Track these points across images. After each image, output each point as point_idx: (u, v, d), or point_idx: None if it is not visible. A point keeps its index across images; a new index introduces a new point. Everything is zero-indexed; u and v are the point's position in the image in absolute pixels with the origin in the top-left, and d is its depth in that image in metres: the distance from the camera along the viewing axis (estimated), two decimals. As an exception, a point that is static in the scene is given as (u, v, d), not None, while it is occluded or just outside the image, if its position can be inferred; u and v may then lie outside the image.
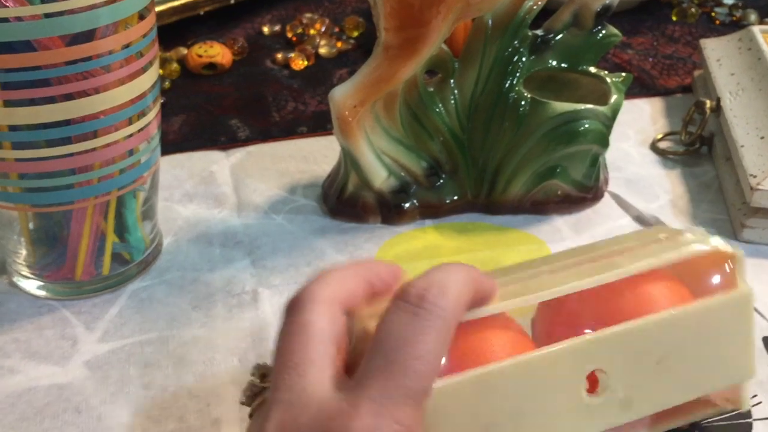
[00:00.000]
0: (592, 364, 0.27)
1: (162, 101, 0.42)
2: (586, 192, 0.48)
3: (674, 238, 0.31)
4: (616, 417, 0.28)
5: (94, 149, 0.37)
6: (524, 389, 0.26)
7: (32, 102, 0.35)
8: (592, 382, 0.28)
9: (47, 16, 0.33)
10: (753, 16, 0.71)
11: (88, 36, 0.34)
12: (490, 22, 0.45)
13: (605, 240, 0.32)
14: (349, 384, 0.24)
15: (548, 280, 0.29)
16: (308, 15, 0.72)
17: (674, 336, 0.28)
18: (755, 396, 0.35)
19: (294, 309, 0.25)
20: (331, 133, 0.47)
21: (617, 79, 0.48)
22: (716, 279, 0.30)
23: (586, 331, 0.28)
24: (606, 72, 0.48)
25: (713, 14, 0.73)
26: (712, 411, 0.31)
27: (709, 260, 0.30)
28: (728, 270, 0.30)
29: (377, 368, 0.23)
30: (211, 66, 0.64)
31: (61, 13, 0.33)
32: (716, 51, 0.56)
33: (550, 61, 0.48)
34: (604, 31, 0.47)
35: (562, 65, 0.48)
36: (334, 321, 0.25)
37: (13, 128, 0.35)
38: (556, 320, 0.30)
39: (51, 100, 0.35)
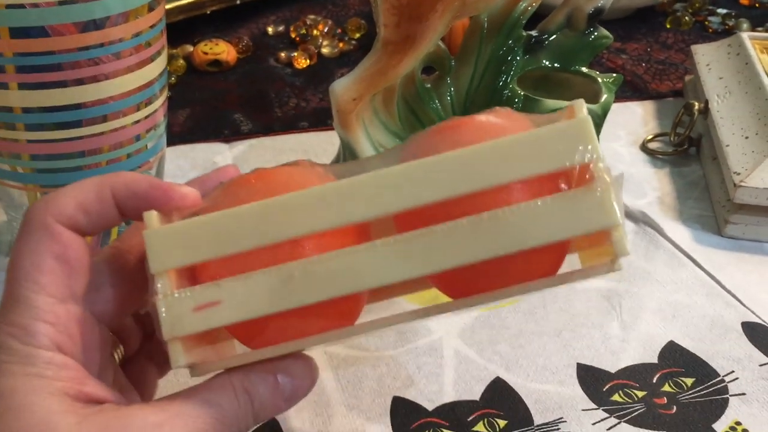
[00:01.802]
0: (396, 201, 0.25)
1: (168, 95, 0.44)
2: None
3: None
4: (422, 263, 0.25)
5: (102, 133, 0.38)
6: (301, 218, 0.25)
7: (45, 85, 0.36)
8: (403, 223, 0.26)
9: (61, 3, 0.35)
10: (745, 26, 0.73)
11: (99, 24, 0.36)
12: (485, 22, 0.47)
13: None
14: None
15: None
16: (312, 16, 0.74)
17: (498, 167, 0.25)
18: (732, 372, 0.37)
19: (19, 233, 0.26)
20: (331, 129, 0.48)
21: (608, 80, 0.49)
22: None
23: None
24: (597, 72, 0.50)
25: (707, 23, 0.75)
26: (582, 272, 0.27)
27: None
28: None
29: None
30: (216, 63, 0.66)
31: (74, 1, 0.35)
32: (706, 56, 0.58)
33: (544, 61, 0.49)
34: (596, 33, 0.49)
35: (555, 65, 0.50)
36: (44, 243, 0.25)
37: (26, 110, 0.37)
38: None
39: (63, 84, 0.36)
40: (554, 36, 0.49)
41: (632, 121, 0.59)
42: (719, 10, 0.77)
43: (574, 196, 0.25)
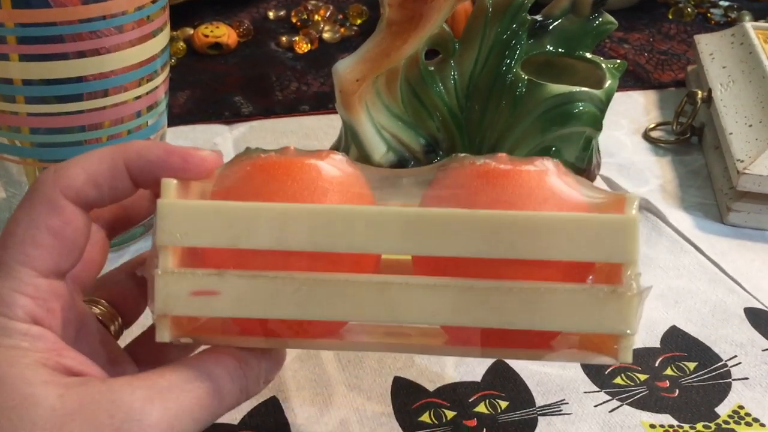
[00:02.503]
0: (428, 245, 0.24)
1: (168, 76, 0.43)
2: (579, 174, 0.49)
3: None
4: (436, 311, 0.25)
5: (104, 108, 0.38)
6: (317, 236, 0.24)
7: (46, 57, 0.36)
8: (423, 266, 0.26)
9: (64, -26, 0.34)
10: (747, 18, 0.73)
11: (102, -4, 0.36)
12: (490, 5, 0.47)
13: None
14: None
15: None
16: (313, 1, 0.74)
17: (535, 241, 0.24)
18: (735, 357, 0.36)
19: (23, 199, 0.25)
20: (332, 112, 0.48)
21: (612, 65, 0.49)
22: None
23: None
24: (601, 58, 0.50)
25: (709, 15, 0.75)
26: (578, 355, 0.27)
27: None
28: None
29: None
30: (217, 46, 0.66)
31: (78, -28, 0.35)
32: (709, 45, 0.58)
33: (548, 46, 0.49)
34: (600, 19, 0.49)
35: (559, 50, 0.49)
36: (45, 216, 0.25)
37: (26, 83, 0.36)
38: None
39: (64, 56, 0.36)
40: (559, 21, 0.49)
41: (634, 110, 0.59)
42: (722, 2, 0.77)
43: (599, 294, 0.24)
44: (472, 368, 0.36)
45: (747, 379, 0.35)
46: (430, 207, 0.25)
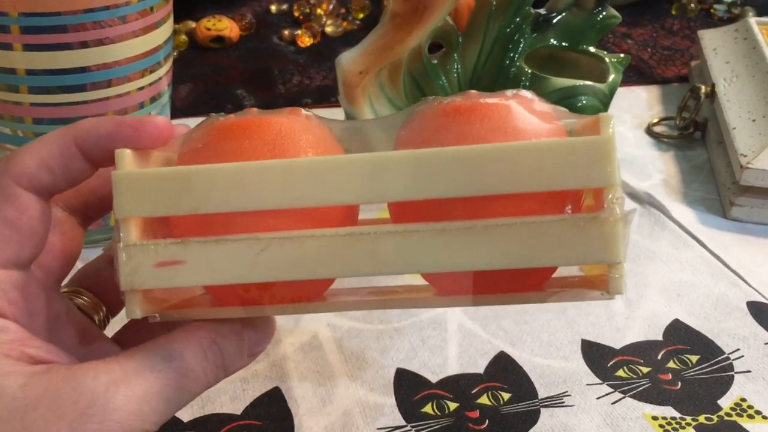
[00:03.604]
0: (394, 191, 0.23)
1: (171, 68, 0.43)
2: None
3: None
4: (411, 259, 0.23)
5: (107, 98, 0.38)
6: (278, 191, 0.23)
7: (50, 47, 0.36)
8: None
9: (69, -37, 0.34)
10: (751, 14, 0.73)
11: (106, -14, 0.36)
12: (494, -2, 0.47)
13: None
14: None
15: None
16: (315, -5, 0.73)
17: (506, 173, 0.22)
18: (737, 350, 0.36)
19: None
20: (335, 105, 0.48)
21: (615, 60, 0.49)
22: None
23: None
24: (605, 52, 0.50)
25: (712, 10, 0.75)
26: (570, 294, 0.25)
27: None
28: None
29: None
30: (219, 39, 0.66)
31: (82, -39, 0.35)
32: (713, 41, 0.58)
33: (551, 40, 0.49)
34: (604, 13, 0.49)
35: (563, 44, 0.49)
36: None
37: (30, 72, 0.36)
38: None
39: (68, 46, 0.36)
40: (562, 15, 0.49)
41: (637, 105, 0.59)
42: (725, -1, 0.77)
43: (579, 223, 0.22)
44: (475, 360, 0.36)
45: (749, 372, 0.35)
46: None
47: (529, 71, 0.47)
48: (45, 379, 0.22)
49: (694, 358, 0.36)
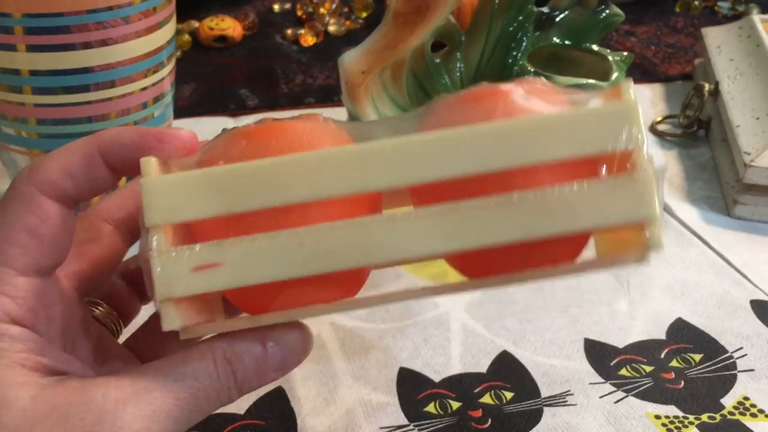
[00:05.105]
0: (420, 172, 0.23)
1: (174, 68, 0.43)
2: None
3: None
4: (442, 240, 0.23)
5: (110, 99, 0.38)
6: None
7: (53, 48, 0.36)
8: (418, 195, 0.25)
9: (71, -36, 0.34)
10: (755, 11, 0.72)
11: (109, -14, 0.36)
12: (496, -4, 0.47)
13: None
14: None
15: None
16: (318, -6, 0.74)
17: (534, 147, 0.23)
18: (741, 349, 0.36)
19: (1, 201, 0.24)
20: (338, 105, 0.48)
21: (619, 58, 0.49)
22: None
23: None
24: (608, 50, 0.49)
25: (716, 8, 0.74)
26: (608, 260, 0.25)
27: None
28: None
29: None
30: (222, 39, 0.66)
31: (84, -38, 0.35)
32: (717, 38, 0.58)
33: (554, 38, 0.49)
34: (607, 11, 0.49)
35: (566, 43, 0.49)
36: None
37: (33, 73, 0.36)
38: None
39: (71, 47, 0.36)
40: (565, 13, 0.48)
41: (641, 103, 0.58)
42: (729, -4, 0.76)
43: (613, 184, 0.23)
44: (478, 359, 0.36)
45: (752, 370, 0.35)
46: None
47: (532, 70, 0.47)
48: (56, 393, 0.22)
49: (697, 357, 0.36)
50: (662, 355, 0.36)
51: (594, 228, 0.23)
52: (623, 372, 0.35)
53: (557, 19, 0.48)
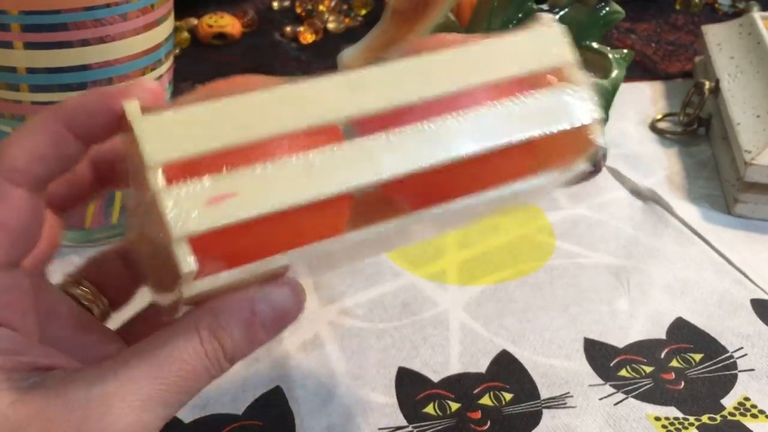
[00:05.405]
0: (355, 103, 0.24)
1: (173, 65, 0.43)
2: (585, 165, 0.49)
3: None
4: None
5: (107, 96, 0.38)
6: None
7: (50, 45, 0.36)
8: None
9: (68, -39, 0.34)
10: (756, 8, 0.72)
11: (106, -16, 0.36)
12: (496, -6, 0.47)
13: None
14: None
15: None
16: (318, -9, 0.73)
17: (471, 71, 0.24)
18: (741, 348, 0.36)
19: None
20: (337, 101, 0.48)
21: (618, 55, 0.49)
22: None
23: None
24: (608, 48, 0.49)
25: (717, 5, 0.74)
26: (561, 166, 0.26)
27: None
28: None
29: None
30: (221, 36, 0.65)
31: (81, -41, 0.34)
32: (717, 36, 0.58)
33: (554, 36, 0.49)
34: (607, 8, 0.48)
35: (566, 40, 0.49)
36: None
37: (30, 71, 0.36)
38: None
39: (69, 44, 0.36)
40: (565, 10, 0.48)
41: (641, 101, 0.59)
42: (730, -7, 0.76)
43: (552, 93, 0.24)
44: (477, 359, 0.36)
45: (753, 370, 0.35)
46: None
47: (532, 68, 0.47)
48: (36, 396, 0.21)
49: (698, 357, 0.36)
50: (662, 355, 0.36)
51: (539, 133, 0.25)
52: (623, 373, 0.35)
53: (557, 17, 0.48)
